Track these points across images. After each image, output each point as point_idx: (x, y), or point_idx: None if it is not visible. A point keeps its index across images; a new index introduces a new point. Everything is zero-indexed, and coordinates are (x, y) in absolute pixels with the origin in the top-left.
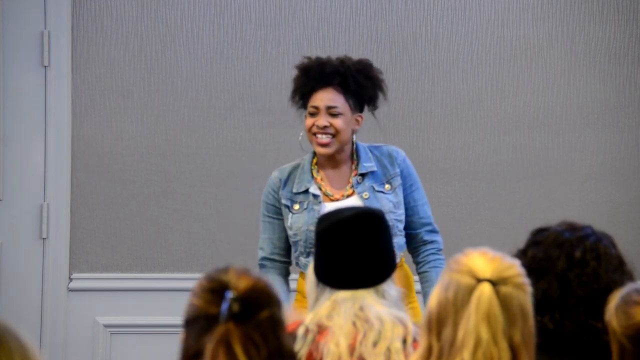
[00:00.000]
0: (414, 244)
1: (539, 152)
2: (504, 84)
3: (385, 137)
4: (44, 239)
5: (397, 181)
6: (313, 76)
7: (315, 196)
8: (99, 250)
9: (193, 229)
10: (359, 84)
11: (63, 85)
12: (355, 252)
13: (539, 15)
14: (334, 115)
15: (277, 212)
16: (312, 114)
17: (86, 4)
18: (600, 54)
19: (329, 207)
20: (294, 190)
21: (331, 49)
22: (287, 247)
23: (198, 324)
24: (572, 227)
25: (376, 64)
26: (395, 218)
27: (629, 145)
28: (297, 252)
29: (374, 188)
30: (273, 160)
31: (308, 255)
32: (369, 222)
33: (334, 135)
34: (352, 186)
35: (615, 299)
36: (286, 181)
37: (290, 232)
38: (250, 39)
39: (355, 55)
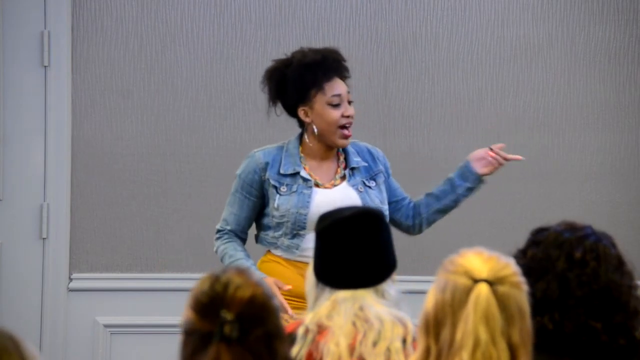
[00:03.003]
0: (405, 209)
1: (539, 152)
2: (504, 84)
3: (385, 137)
4: (44, 239)
5: (381, 178)
6: (329, 66)
7: (305, 180)
8: (99, 250)
9: (193, 229)
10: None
11: (63, 85)
12: (355, 251)
13: (539, 15)
14: (350, 102)
15: (250, 192)
16: (336, 105)
17: (86, 4)
18: (600, 54)
19: (320, 193)
20: (281, 172)
21: None
22: (248, 227)
23: (193, 339)
24: (572, 227)
25: (376, 64)
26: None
27: (629, 145)
28: (280, 233)
29: (364, 183)
30: None
31: (293, 237)
32: (368, 221)
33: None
34: (342, 177)
35: None
36: (272, 163)
37: (276, 213)
38: (250, 39)
39: (356, 55)
